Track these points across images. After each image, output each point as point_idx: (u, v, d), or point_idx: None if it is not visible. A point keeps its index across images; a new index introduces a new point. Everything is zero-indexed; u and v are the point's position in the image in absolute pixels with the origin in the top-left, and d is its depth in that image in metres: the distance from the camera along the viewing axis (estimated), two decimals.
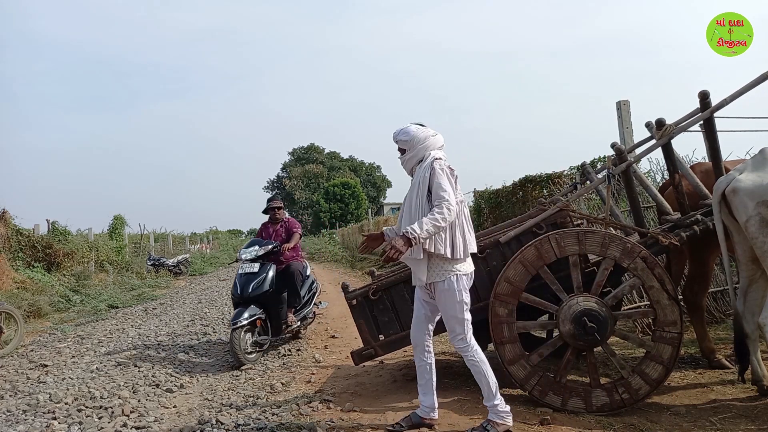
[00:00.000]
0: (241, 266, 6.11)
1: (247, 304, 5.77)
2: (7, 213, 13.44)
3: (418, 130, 3.44)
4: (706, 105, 4.05)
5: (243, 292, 5.86)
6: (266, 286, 5.93)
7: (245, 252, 6.26)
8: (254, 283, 5.90)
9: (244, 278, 5.97)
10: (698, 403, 3.75)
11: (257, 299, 5.85)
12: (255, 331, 5.76)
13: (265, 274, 6.01)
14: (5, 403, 4.65)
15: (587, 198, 6.96)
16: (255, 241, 6.54)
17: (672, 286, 3.69)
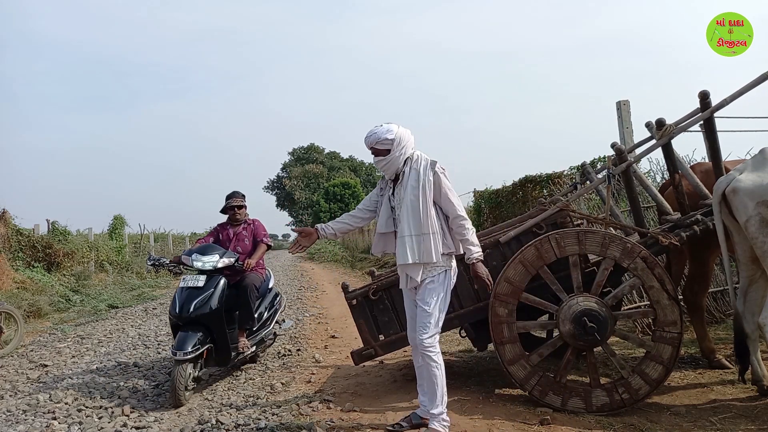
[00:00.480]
0: (184, 278, 4.83)
1: (188, 327, 4.55)
2: (7, 213, 13.44)
3: (400, 128, 3.37)
4: (706, 105, 4.05)
5: (183, 311, 4.57)
6: (213, 304, 4.65)
7: (200, 259, 4.87)
8: (198, 300, 4.60)
9: (185, 293, 4.68)
10: (698, 403, 3.75)
11: (200, 320, 4.59)
12: (199, 363, 4.54)
13: (212, 289, 4.70)
14: (5, 403, 4.65)
15: (587, 198, 6.96)
16: (213, 247, 5.08)
17: (672, 286, 3.69)
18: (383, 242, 3.55)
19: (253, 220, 5.56)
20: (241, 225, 5.48)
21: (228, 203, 5.44)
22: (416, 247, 3.25)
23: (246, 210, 5.56)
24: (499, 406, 3.86)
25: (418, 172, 3.31)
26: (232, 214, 5.45)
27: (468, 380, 4.57)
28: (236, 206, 5.43)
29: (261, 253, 5.33)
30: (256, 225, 5.51)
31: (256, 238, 5.44)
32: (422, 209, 3.25)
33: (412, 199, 3.28)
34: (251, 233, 5.46)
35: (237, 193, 5.44)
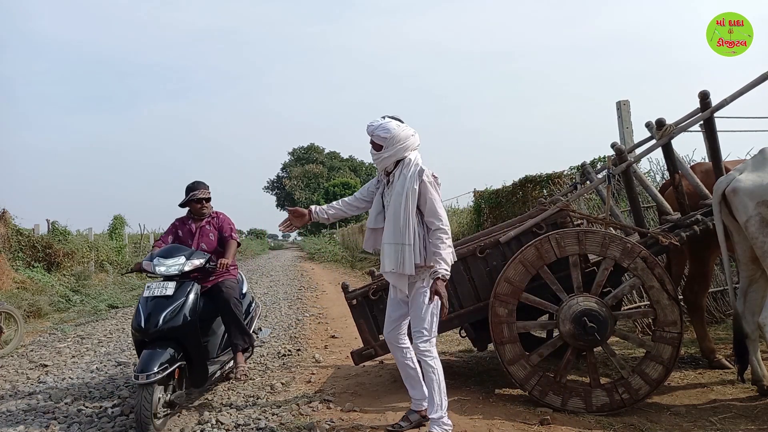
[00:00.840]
0: (148, 286, 4.05)
1: (156, 343, 3.82)
2: (7, 213, 13.45)
3: (398, 127, 3.28)
4: (706, 105, 4.05)
5: (149, 324, 3.82)
6: (185, 314, 3.93)
7: (163, 263, 4.14)
8: (167, 312, 3.88)
9: (152, 304, 3.92)
10: (698, 403, 3.75)
11: (171, 335, 3.87)
12: (170, 385, 3.84)
13: (183, 298, 3.98)
14: (5, 404, 4.64)
15: (587, 198, 6.96)
16: (178, 248, 4.34)
17: (672, 286, 3.69)
18: (374, 238, 3.48)
19: (218, 213, 4.82)
20: (205, 219, 4.73)
21: (192, 195, 4.64)
22: (394, 256, 3.20)
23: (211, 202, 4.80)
24: (499, 406, 3.86)
25: (405, 178, 3.23)
26: (199, 208, 4.69)
27: (468, 380, 4.57)
28: (203, 199, 4.67)
29: (233, 251, 4.65)
30: (221, 218, 4.76)
31: (223, 233, 4.70)
32: (402, 218, 3.19)
33: (395, 206, 3.23)
34: (216, 228, 4.72)
35: (201, 183, 4.71)
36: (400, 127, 3.29)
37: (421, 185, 3.20)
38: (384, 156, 3.28)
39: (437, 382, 3.24)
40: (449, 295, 4.09)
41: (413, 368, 3.47)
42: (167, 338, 3.86)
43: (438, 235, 3.18)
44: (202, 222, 4.72)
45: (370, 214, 3.51)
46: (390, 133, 3.24)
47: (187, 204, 4.69)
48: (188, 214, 4.78)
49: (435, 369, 3.24)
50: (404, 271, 3.19)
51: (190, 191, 4.66)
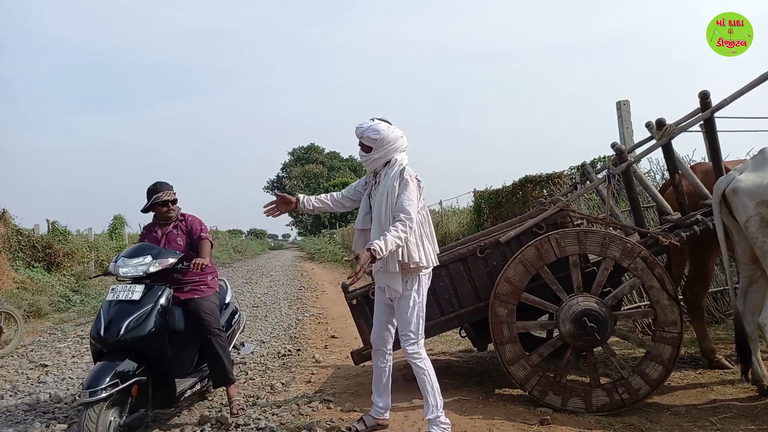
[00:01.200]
0: (113, 289, 3.59)
1: (115, 355, 3.33)
2: (7, 213, 13.45)
3: (388, 129, 3.29)
4: (707, 105, 4.05)
5: (109, 333, 3.33)
6: (152, 323, 3.44)
7: (126, 263, 3.68)
8: (132, 319, 3.39)
9: (114, 309, 3.44)
10: (698, 403, 3.75)
11: (135, 346, 3.38)
12: (126, 405, 3.30)
13: (151, 304, 3.50)
14: (5, 403, 4.65)
15: (587, 198, 6.96)
16: (145, 246, 3.88)
17: (672, 286, 3.69)
18: (363, 239, 3.45)
19: (185, 215, 4.29)
20: (172, 223, 4.22)
21: (155, 199, 4.09)
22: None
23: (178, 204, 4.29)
24: (499, 406, 3.86)
25: (389, 177, 3.26)
26: (165, 211, 4.15)
27: (468, 380, 4.57)
28: (168, 201, 4.14)
29: (208, 251, 4.11)
30: (189, 220, 4.25)
31: (193, 235, 4.17)
32: (384, 216, 3.21)
33: (380, 205, 3.25)
34: (185, 231, 4.21)
35: (164, 184, 4.17)
36: (389, 128, 3.30)
37: (400, 181, 3.21)
38: (374, 157, 3.30)
39: (430, 384, 3.23)
40: (449, 295, 4.12)
41: (387, 376, 3.50)
42: (130, 350, 3.36)
43: (401, 218, 3.10)
44: (169, 226, 4.21)
45: (358, 215, 3.51)
46: (380, 134, 3.25)
47: (151, 208, 4.17)
48: (154, 220, 4.28)
49: (426, 370, 3.23)
50: (390, 268, 3.18)
51: (152, 194, 4.12)
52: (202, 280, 4.11)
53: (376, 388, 3.53)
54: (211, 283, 4.20)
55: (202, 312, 3.94)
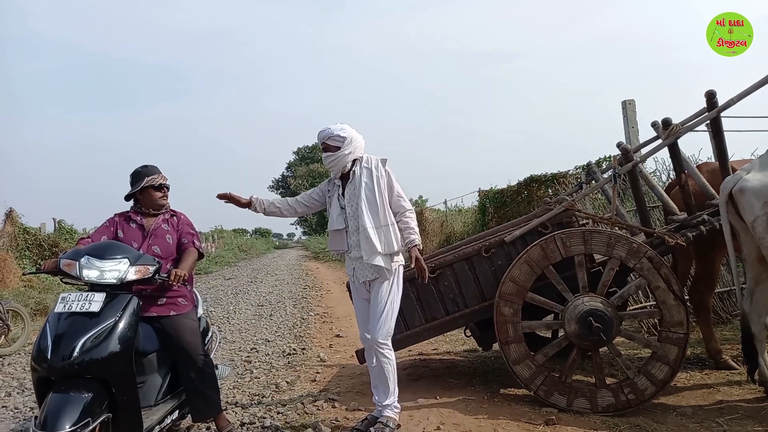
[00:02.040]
0: (64, 298, 2.77)
1: (68, 384, 2.60)
2: (14, 212, 13.55)
3: (352, 129, 3.53)
4: (713, 105, 4.03)
5: (57, 355, 2.59)
6: (113, 344, 2.71)
7: (94, 265, 2.87)
8: (89, 336, 2.65)
9: (66, 324, 2.68)
10: (705, 404, 3.73)
11: (91, 372, 2.65)
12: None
13: (114, 318, 2.76)
14: (13, 400, 4.68)
15: (593, 198, 6.94)
16: (117, 246, 3.06)
17: (678, 287, 3.68)
18: (339, 238, 3.58)
19: (176, 211, 3.59)
20: (161, 216, 3.48)
21: (150, 180, 3.39)
22: (380, 238, 3.38)
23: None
24: (504, 405, 3.85)
25: (371, 170, 3.48)
26: (159, 197, 3.45)
27: (473, 380, 4.57)
28: (164, 185, 3.48)
29: (192, 262, 3.37)
30: (182, 219, 3.54)
31: (182, 238, 3.46)
32: (379, 203, 3.42)
33: (368, 194, 3.43)
34: (176, 229, 3.48)
35: (154, 167, 3.48)
36: (353, 129, 3.55)
37: (387, 175, 3.48)
38: (344, 153, 3.46)
39: (392, 372, 3.44)
40: (454, 294, 4.12)
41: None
42: (85, 377, 2.63)
43: (407, 214, 3.50)
44: (158, 219, 3.44)
45: (330, 218, 3.60)
46: (347, 132, 3.49)
47: (140, 194, 3.41)
48: (135, 209, 3.48)
49: (390, 360, 3.42)
50: (392, 250, 3.39)
51: (143, 177, 3.39)
52: (181, 291, 3.37)
53: (376, 388, 3.54)
54: (189, 296, 3.46)
55: (181, 333, 3.24)
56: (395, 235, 3.41)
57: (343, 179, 3.57)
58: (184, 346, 3.24)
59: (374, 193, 3.42)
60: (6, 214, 13.72)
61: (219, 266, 23.83)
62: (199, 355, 3.28)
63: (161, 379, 3.28)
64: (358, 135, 3.55)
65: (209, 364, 3.37)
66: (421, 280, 3.49)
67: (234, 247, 35.33)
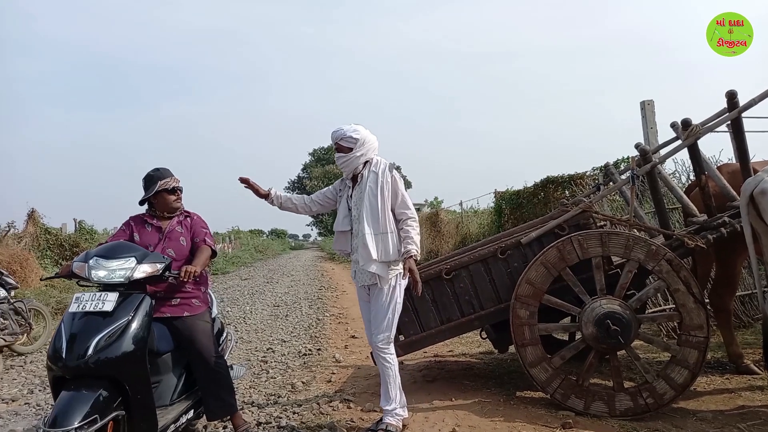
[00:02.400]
0: (78, 298, 2.83)
1: (81, 382, 2.65)
2: (36, 212, 13.81)
3: (365, 130, 3.52)
4: (734, 105, 3.97)
5: (72, 354, 2.65)
6: (127, 343, 2.75)
7: (102, 266, 2.92)
8: (102, 336, 2.69)
9: (80, 324, 2.73)
10: (725, 409, 3.67)
11: (104, 372, 2.68)
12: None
13: (127, 317, 2.80)
14: (35, 398, 4.77)
15: (610, 199, 6.87)
16: (125, 246, 3.11)
17: (698, 289, 3.63)
18: (343, 239, 3.66)
19: (189, 212, 3.62)
20: (176, 218, 3.52)
21: (164, 184, 3.40)
22: (377, 245, 3.38)
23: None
24: (520, 408, 3.83)
25: (377, 174, 3.47)
26: (173, 200, 3.47)
27: (488, 382, 4.55)
28: (177, 188, 3.49)
29: (204, 260, 3.36)
30: (195, 220, 3.58)
31: (195, 237, 3.49)
32: (380, 209, 3.40)
33: (371, 199, 3.43)
34: (189, 230, 3.51)
35: (167, 170, 3.50)
36: (366, 130, 3.53)
37: (393, 180, 3.46)
38: (356, 155, 3.47)
39: (393, 377, 3.43)
40: (470, 296, 4.11)
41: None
42: (98, 376, 2.66)
43: (409, 222, 3.44)
44: (172, 221, 3.49)
45: (337, 218, 3.66)
46: (360, 134, 3.47)
47: (155, 198, 3.44)
48: (149, 212, 3.52)
49: (392, 365, 3.44)
50: (388, 258, 3.37)
51: (156, 180, 3.40)
52: (195, 293, 3.39)
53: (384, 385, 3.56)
54: (203, 297, 3.48)
55: (195, 335, 3.26)
56: (393, 243, 3.38)
57: (353, 180, 3.59)
58: (198, 347, 3.27)
59: (377, 199, 3.41)
60: (28, 214, 14.00)
61: (235, 266, 24.03)
62: (212, 357, 3.30)
63: (176, 379, 3.32)
64: (372, 136, 3.54)
65: (223, 365, 3.40)
66: (414, 292, 3.46)
67: (250, 247, 35.62)
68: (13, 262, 11.14)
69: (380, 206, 3.40)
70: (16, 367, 6.13)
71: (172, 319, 3.28)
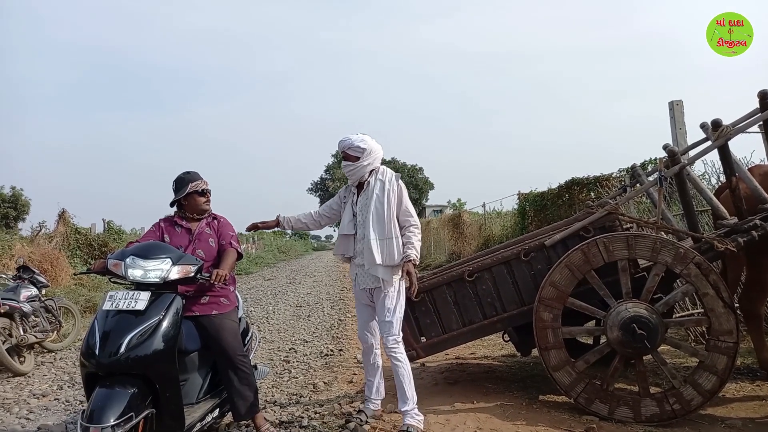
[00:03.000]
0: (111, 296, 2.89)
1: (115, 379, 2.71)
2: (66, 213, 14.15)
3: (373, 141, 3.65)
4: (766, 105, 3.87)
5: (105, 351, 2.70)
6: (158, 341, 2.81)
7: (138, 265, 2.97)
8: (134, 334, 2.75)
9: (113, 321, 2.80)
10: (756, 417, 3.58)
11: (136, 369, 2.74)
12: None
13: (159, 316, 2.86)
14: (64, 394, 4.89)
15: (637, 201, 6.75)
16: (160, 246, 3.18)
17: (728, 294, 3.54)
18: (345, 244, 3.78)
19: (217, 215, 3.68)
20: (204, 220, 3.59)
21: (194, 186, 3.49)
22: (382, 250, 3.51)
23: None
24: (543, 412, 3.79)
25: (383, 182, 3.62)
26: (203, 202, 3.55)
27: (511, 385, 4.51)
28: (207, 191, 3.57)
29: (232, 262, 3.45)
30: (222, 222, 3.63)
31: (222, 240, 3.56)
32: (387, 216, 3.54)
33: (377, 206, 3.57)
34: (216, 233, 3.58)
35: (196, 173, 3.58)
36: (374, 140, 3.67)
37: (399, 188, 3.62)
38: (363, 164, 3.61)
39: (407, 376, 3.52)
40: (492, 298, 4.09)
41: (380, 369, 3.86)
42: (130, 373, 2.73)
43: (411, 229, 3.58)
44: (202, 223, 3.56)
45: (342, 222, 3.81)
46: (367, 144, 3.62)
47: (186, 199, 3.51)
48: (179, 214, 3.59)
49: (404, 363, 3.54)
50: (392, 261, 3.50)
51: (187, 183, 3.49)
52: (223, 291, 3.46)
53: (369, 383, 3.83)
54: (231, 296, 3.54)
55: (222, 333, 3.31)
56: (398, 249, 3.52)
57: (358, 187, 3.73)
58: (224, 346, 3.30)
59: (383, 206, 3.55)
60: (59, 214, 14.35)
61: (259, 267, 24.28)
62: (238, 356, 3.34)
63: (202, 378, 3.39)
64: (377, 146, 3.67)
65: (248, 365, 3.42)
66: (413, 296, 3.61)
67: (273, 248, 35.94)
68: (44, 261, 11.42)
69: (386, 213, 3.54)
70: (47, 364, 6.29)
71: (201, 317, 3.33)
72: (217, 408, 3.38)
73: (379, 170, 3.69)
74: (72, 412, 4.33)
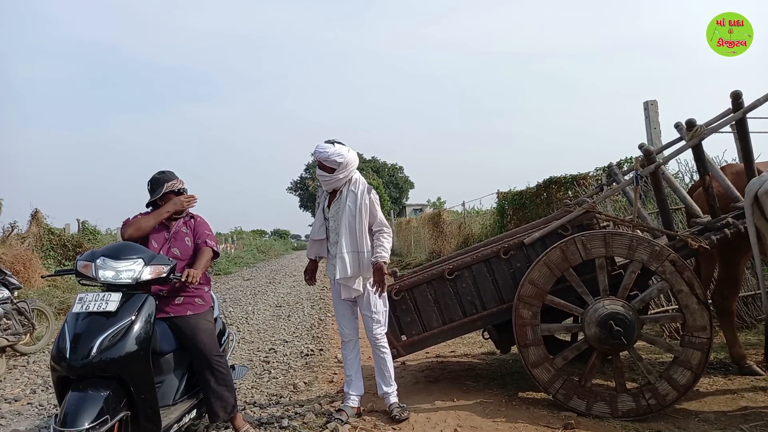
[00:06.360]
0: (81, 298, 2.83)
1: (87, 383, 2.64)
2: (39, 213, 13.84)
3: (349, 152, 3.68)
4: (739, 105, 3.96)
5: (76, 354, 2.63)
6: (130, 343, 2.74)
7: (109, 266, 2.90)
8: (106, 336, 2.69)
9: (83, 324, 2.73)
10: (728, 410, 3.66)
11: (108, 371, 2.68)
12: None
13: (131, 317, 2.79)
14: (37, 397, 4.78)
15: (614, 200, 6.86)
16: (131, 246, 3.10)
17: (701, 290, 3.62)
18: (317, 246, 3.93)
19: (193, 213, 3.65)
20: (181, 219, 3.56)
21: (171, 186, 3.48)
22: (355, 263, 3.65)
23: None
24: (522, 409, 3.82)
25: (356, 195, 3.69)
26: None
27: (490, 383, 4.54)
28: (183, 190, 3.55)
29: (206, 261, 3.41)
30: (198, 221, 3.60)
31: (197, 238, 3.52)
32: (358, 230, 3.66)
33: (350, 219, 3.67)
34: (193, 232, 3.55)
35: (171, 173, 3.57)
36: (350, 152, 3.70)
37: (370, 202, 3.70)
38: (338, 177, 3.67)
39: (389, 362, 3.83)
40: (472, 296, 4.11)
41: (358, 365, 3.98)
42: (103, 376, 2.67)
43: (384, 233, 3.71)
44: (178, 222, 3.53)
45: (314, 227, 3.93)
46: (344, 158, 3.63)
47: (162, 199, 3.48)
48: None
49: (387, 351, 3.84)
50: (364, 274, 3.68)
51: (162, 183, 3.47)
52: (198, 292, 3.42)
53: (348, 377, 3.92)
54: (206, 296, 3.51)
55: (198, 334, 3.26)
56: (369, 260, 3.66)
57: (331, 192, 3.80)
58: (200, 347, 3.26)
59: (356, 219, 3.65)
60: (32, 214, 14.03)
61: (238, 267, 24.06)
62: (214, 356, 3.29)
63: (179, 379, 3.32)
64: (354, 156, 3.70)
65: (225, 365, 3.38)
66: (378, 294, 3.71)
67: (253, 248, 35.63)
68: (17, 262, 11.15)
69: (358, 227, 3.65)
70: (19, 367, 6.15)
71: (176, 318, 3.29)
72: (194, 409, 3.33)
73: (352, 180, 3.73)
74: (45, 416, 4.24)
